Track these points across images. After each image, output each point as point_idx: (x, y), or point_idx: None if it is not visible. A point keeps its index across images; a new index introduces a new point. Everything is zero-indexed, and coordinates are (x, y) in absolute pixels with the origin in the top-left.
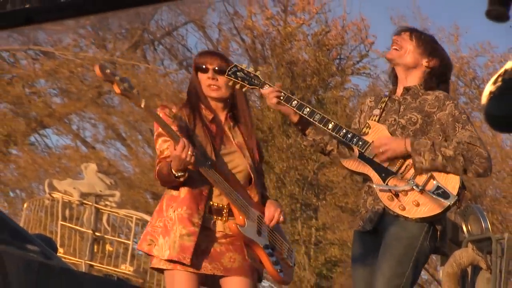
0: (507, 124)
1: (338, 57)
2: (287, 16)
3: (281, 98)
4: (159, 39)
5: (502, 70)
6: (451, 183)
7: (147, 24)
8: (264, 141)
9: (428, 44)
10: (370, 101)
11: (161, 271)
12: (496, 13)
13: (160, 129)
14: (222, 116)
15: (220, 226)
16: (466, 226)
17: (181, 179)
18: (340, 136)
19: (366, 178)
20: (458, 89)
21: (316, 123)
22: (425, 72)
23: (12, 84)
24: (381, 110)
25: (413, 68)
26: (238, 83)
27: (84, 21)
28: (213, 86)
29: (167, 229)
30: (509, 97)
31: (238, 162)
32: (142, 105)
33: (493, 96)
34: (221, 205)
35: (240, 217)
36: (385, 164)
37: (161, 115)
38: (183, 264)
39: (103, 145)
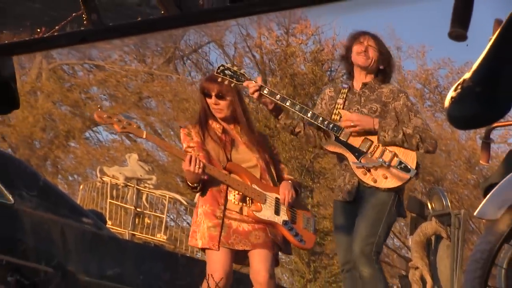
0: (465, 123)
1: (330, 69)
2: (289, 37)
3: (265, 92)
4: (187, 55)
5: (461, 80)
6: (410, 159)
7: (178, 43)
8: (271, 136)
9: (385, 51)
10: (330, 91)
11: (203, 249)
12: (456, 34)
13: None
14: (230, 125)
15: (245, 210)
16: (431, 204)
17: (198, 189)
18: (318, 123)
19: (343, 158)
20: (424, 94)
21: (297, 112)
22: (379, 70)
23: (71, 90)
24: (344, 100)
25: (371, 68)
26: (226, 79)
27: (128, 40)
28: (216, 109)
29: (198, 224)
30: (466, 102)
31: (248, 158)
32: (144, 136)
33: (454, 100)
34: (244, 195)
35: (258, 204)
36: (357, 146)
37: (182, 134)
38: (211, 249)
39: (143, 140)
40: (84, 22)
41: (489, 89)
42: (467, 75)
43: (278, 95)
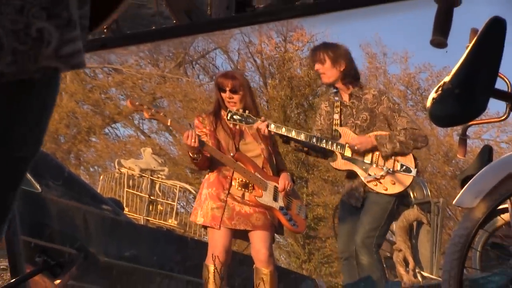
0: (445, 121)
1: None
2: (287, 44)
3: (272, 127)
4: (196, 60)
5: (441, 83)
6: (409, 160)
7: (188, 49)
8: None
9: (335, 53)
10: (326, 107)
11: (205, 227)
12: (437, 42)
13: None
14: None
15: (247, 196)
16: (413, 193)
17: (198, 161)
18: (322, 145)
19: (352, 174)
20: (407, 96)
21: (303, 140)
22: (344, 76)
23: (92, 91)
24: (339, 114)
25: (338, 78)
26: (237, 124)
27: (143, 47)
28: (231, 102)
29: (201, 203)
30: (447, 102)
31: (253, 148)
32: (169, 123)
33: (435, 101)
34: (247, 181)
35: (259, 190)
36: (362, 159)
37: (196, 121)
38: (213, 227)
39: (156, 135)
40: (104, 31)
41: (467, 91)
42: (447, 79)
43: (284, 128)
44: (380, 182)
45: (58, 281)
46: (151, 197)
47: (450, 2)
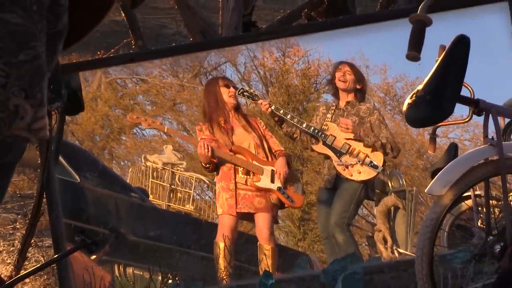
0: (418, 123)
1: (315, 82)
2: (285, 58)
3: (273, 108)
4: (209, 72)
5: (415, 90)
6: (378, 159)
7: (202, 62)
8: (272, 133)
9: (359, 74)
10: (323, 109)
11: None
12: (412, 56)
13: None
14: (235, 113)
15: (249, 182)
16: (391, 183)
17: (210, 168)
18: (310, 131)
19: (327, 157)
20: (385, 101)
21: (295, 123)
22: (356, 90)
23: (123, 98)
24: (332, 115)
25: (350, 88)
26: (246, 99)
27: (165, 60)
28: (233, 97)
29: (217, 197)
30: (420, 107)
31: (245, 139)
32: (165, 130)
33: (410, 106)
34: (248, 170)
35: (257, 175)
36: (339, 148)
37: (196, 130)
38: (231, 215)
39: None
40: (133, 47)
41: (436, 98)
42: (420, 87)
43: (282, 110)
44: (348, 169)
45: (94, 257)
46: (172, 186)
47: (423, 23)
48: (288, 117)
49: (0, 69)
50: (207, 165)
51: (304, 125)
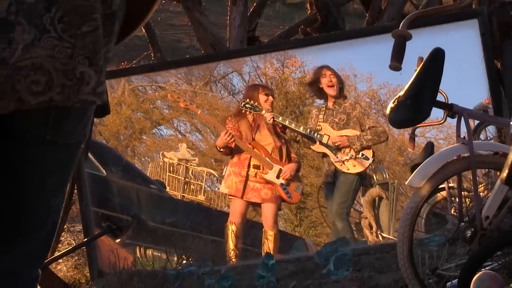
0: (399, 124)
1: None
2: (284, 68)
3: (275, 117)
4: (218, 80)
5: (397, 96)
6: (368, 152)
7: (213, 72)
8: None
9: (337, 74)
10: (315, 111)
11: (229, 196)
12: (394, 66)
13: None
14: (263, 116)
15: (258, 175)
16: (375, 176)
17: (224, 152)
18: (307, 133)
19: (325, 155)
20: (371, 106)
21: (293, 127)
22: (339, 90)
23: (144, 102)
24: (323, 115)
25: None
26: (248, 111)
27: (180, 70)
28: (268, 103)
29: (227, 178)
30: (401, 110)
31: (266, 139)
32: (199, 112)
33: (392, 109)
34: (259, 164)
35: (266, 169)
36: (334, 147)
37: (227, 120)
38: (237, 197)
39: (189, 134)
40: (152, 58)
41: (415, 102)
42: (401, 93)
43: (287, 121)
44: (344, 164)
45: (118, 240)
46: (186, 179)
47: (404, 37)
48: (287, 122)
49: (66, 41)
50: (221, 149)
51: (301, 129)
